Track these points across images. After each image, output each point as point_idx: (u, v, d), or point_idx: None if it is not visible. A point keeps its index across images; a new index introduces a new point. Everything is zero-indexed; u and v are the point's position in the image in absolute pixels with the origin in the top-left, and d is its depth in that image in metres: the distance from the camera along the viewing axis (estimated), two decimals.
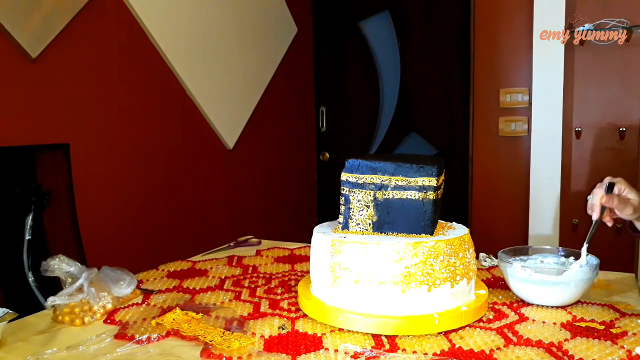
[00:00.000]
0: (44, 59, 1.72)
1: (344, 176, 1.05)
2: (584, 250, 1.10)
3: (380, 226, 1.04)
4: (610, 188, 1.09)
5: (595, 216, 1.10)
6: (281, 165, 3.05)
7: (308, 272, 1.14)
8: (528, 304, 1.10)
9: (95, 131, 1.92)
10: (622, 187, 1.09)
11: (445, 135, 3.07)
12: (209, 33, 2.42)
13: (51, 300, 1.04)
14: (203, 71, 2.40)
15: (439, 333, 0.95)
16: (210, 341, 0.91)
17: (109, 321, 1.05)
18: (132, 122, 2.08)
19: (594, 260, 1.12)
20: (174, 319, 1.01)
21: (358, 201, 1.04)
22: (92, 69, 1.90)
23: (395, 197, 1.02)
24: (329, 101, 3.36)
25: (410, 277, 0.94)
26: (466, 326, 0.98)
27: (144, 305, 1.14)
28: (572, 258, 1.18)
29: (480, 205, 2.88)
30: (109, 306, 1.10)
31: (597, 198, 1.09)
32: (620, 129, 2.51)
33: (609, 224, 1.12)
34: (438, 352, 0.88)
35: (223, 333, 0.94)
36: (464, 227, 1.10)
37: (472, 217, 2.89)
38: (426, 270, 0.95)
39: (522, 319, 1.02)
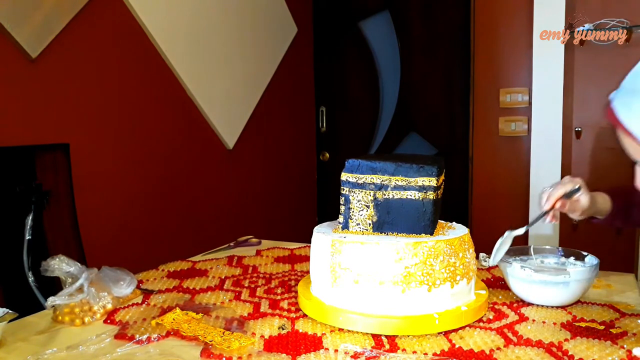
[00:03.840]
0: (44, 59, 1.72)
1: (344, 176, 1.05)
2: (519, 231, 1.10)
3: (380, 226, 1.04)
4: (571, 194, 1.10)
5: (547, 206, 1.11)
6: (281, 165, 3.05)
7: (308, 272, 1.14)
8: (528, 304, 1.10)
9: (95, 131, 1.92)
10: (581, 191, 1.11)
11: (445, 135, 3.06)
12: (209, 33, 2.42)
13: (51, 300, 1.04)
14: (203, 71, 2.40)
15: (439, 333, 0.95)
16: (210, 341, 0.91)
17: (109, 321, 1.05)
18: (132, 122, 2.08)
19: (594, 260, 1.13)
20: (174, 319, 1.01)
21: (358, 201, 1.04)
22: (92, 68, 1.90)
23: (395, 197, 1.02)
24: (329, 101, 3.36)
25: (410, 277, 0.94)
26: (466, 326, 0.98)
27: (144, 305, 1.14)
28: (572, 258, 1.19)
29: (480, 205, 2.87)
30: (109, 306, 1.10)
31: (556, 192, 1.11)
32: None
33: (551, 221, 1.14)
34: (438, 352, 0.88)
35: (223, 333, 0.94)
36: (464, 227, 1.10)
37: (472, 217, 2.89)
38: (426, 270, 0.95)
39: (522, 319, 1.02)
